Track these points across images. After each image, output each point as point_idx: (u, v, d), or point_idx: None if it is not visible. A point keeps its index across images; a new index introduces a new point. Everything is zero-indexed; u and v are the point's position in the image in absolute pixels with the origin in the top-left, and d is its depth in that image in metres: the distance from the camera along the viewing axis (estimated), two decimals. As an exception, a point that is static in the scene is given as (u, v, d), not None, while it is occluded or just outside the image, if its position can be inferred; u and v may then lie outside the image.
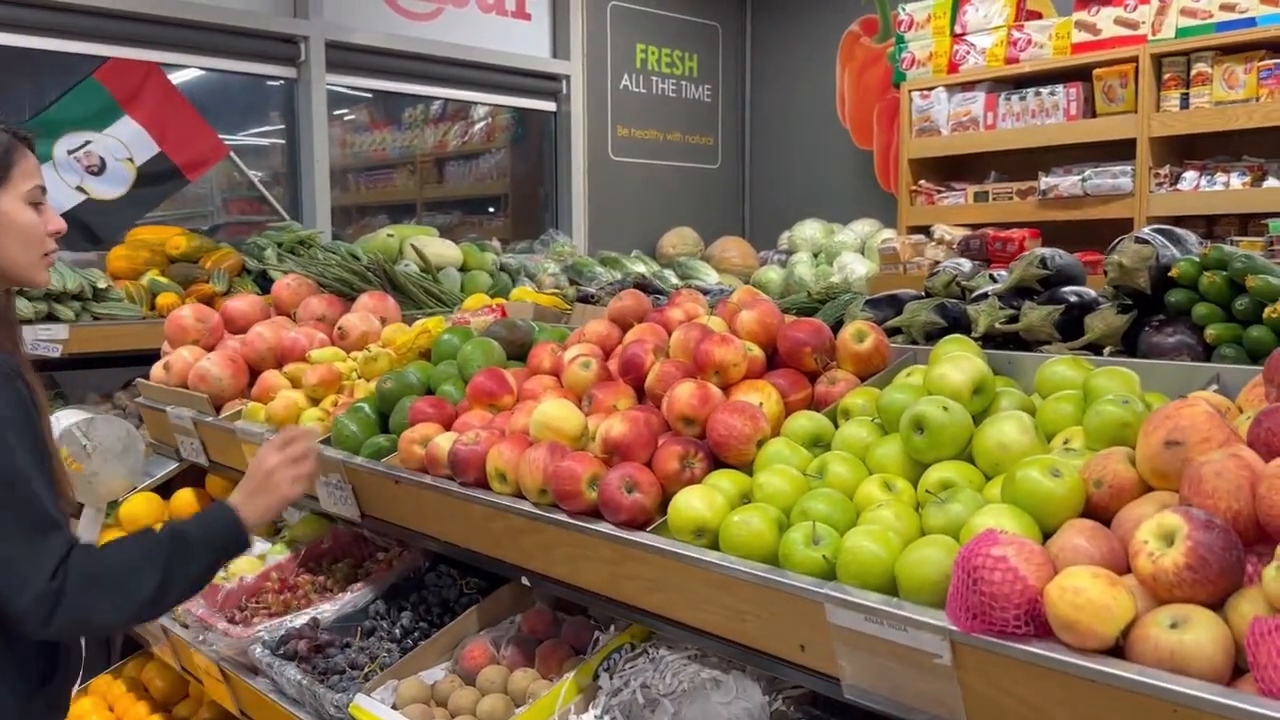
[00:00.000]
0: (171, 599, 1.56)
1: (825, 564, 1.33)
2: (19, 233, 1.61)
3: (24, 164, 1.62)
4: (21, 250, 1.62)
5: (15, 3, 3.84)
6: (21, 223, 1.60)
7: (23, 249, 1.62)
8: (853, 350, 1.78)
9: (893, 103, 5.25)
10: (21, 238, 1.61)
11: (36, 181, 1.63)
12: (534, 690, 1.81)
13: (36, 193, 1.63)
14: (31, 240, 1.62)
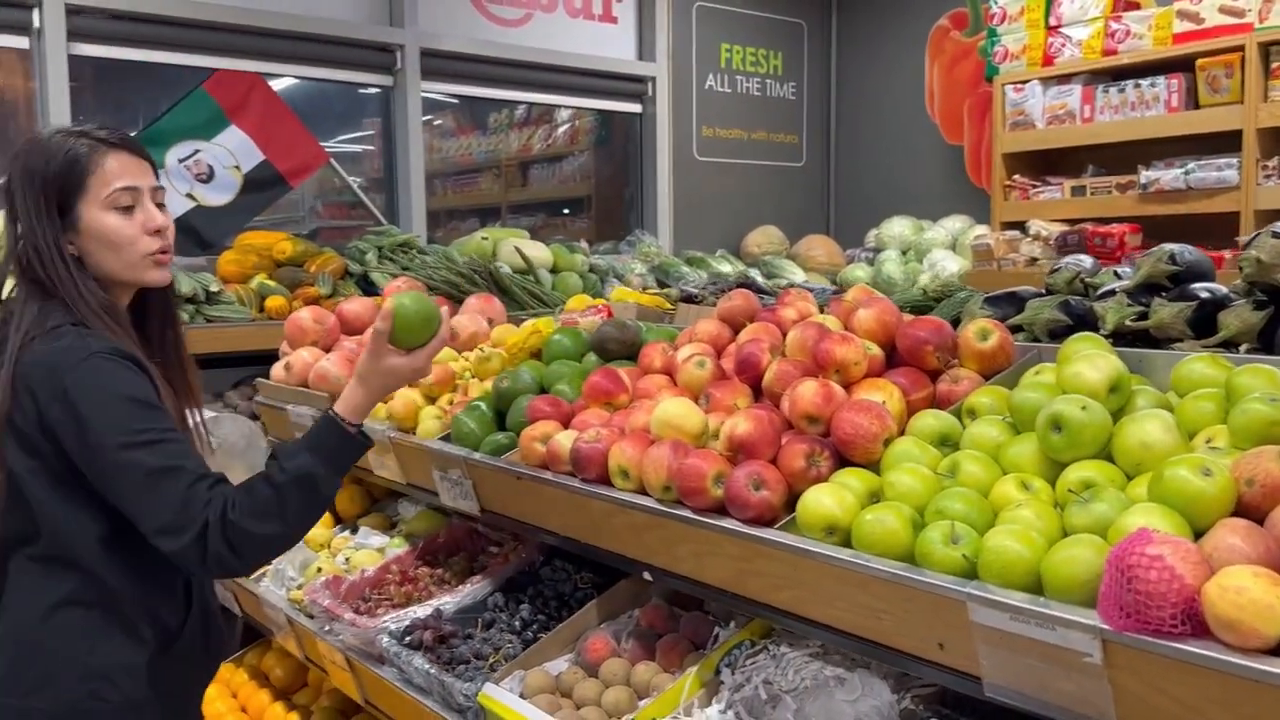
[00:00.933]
0: (306, 525, 1.64)
1: (965, 563, 1.34)
2: (105, 239, 1.64)
3: (102, 171, 1.64)
4: (113, 256, 1.65)
5: (131, 18, 4.01)
6: (105, 228, 1.63)
7: (114, 254, 1.65)
8: (976, 348, 1.77)
9: (984, 97, 5.19)
10: (108, 243, 1.64)
11: (118, 184, 1.64)
12: (657, 684, 1.84)
13: (120, 195, 1.64)
14: (121, 243, 1.65)
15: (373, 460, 2.53)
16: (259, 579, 2.65)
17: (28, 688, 1.62)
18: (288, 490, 1.56)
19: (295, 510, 1.57)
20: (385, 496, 2.97)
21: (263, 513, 1.53)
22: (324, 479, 1.60)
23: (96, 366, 1.54)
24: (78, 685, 1.61)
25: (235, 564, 1.55)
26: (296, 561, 2.61)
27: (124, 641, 1.64)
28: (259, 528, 1.52)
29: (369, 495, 2.97)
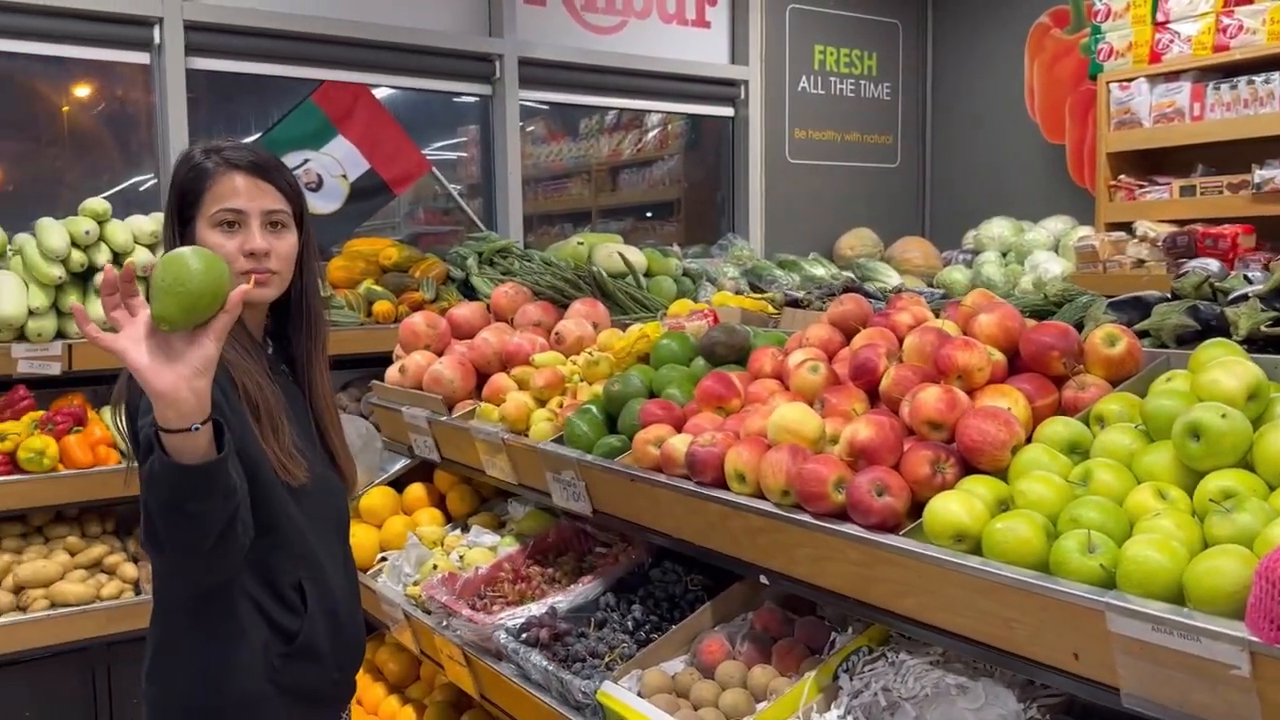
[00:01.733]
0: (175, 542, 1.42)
1: (1102, 572, 1.33)
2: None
3: (216, 188, 1.68)
4: None
5: (244, 33, 4.16)
6: (206, 244, 1.64)
7: None
8: (1103, 354, 1.75)
9: (1087, 95, 5.08)
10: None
11: (225, 204, 1.67)
12: (775, 687, 1.86)
13: (223, 215, 1.67)
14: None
15: (484, 460, 2.59)
16: (376, 575, 2.74)
17: (162, 679, 1.70)
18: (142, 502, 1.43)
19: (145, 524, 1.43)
20: (494, 496, 3.03)
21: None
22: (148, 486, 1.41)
23: None
24: (196, 680, 1.68)
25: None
26: (412, 558, 2.69)
27: (239, 641, 1.68)
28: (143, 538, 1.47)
29: (478, 495, 3.04)
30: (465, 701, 2.78)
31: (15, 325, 3.16)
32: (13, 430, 3.19)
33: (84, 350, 3.29)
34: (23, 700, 3.22)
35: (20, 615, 3.12)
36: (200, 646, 1.68)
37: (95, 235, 3.30)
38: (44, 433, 3.23)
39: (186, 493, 1.38)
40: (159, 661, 1.71)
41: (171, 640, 1.70)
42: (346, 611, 1.83)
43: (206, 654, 1.67)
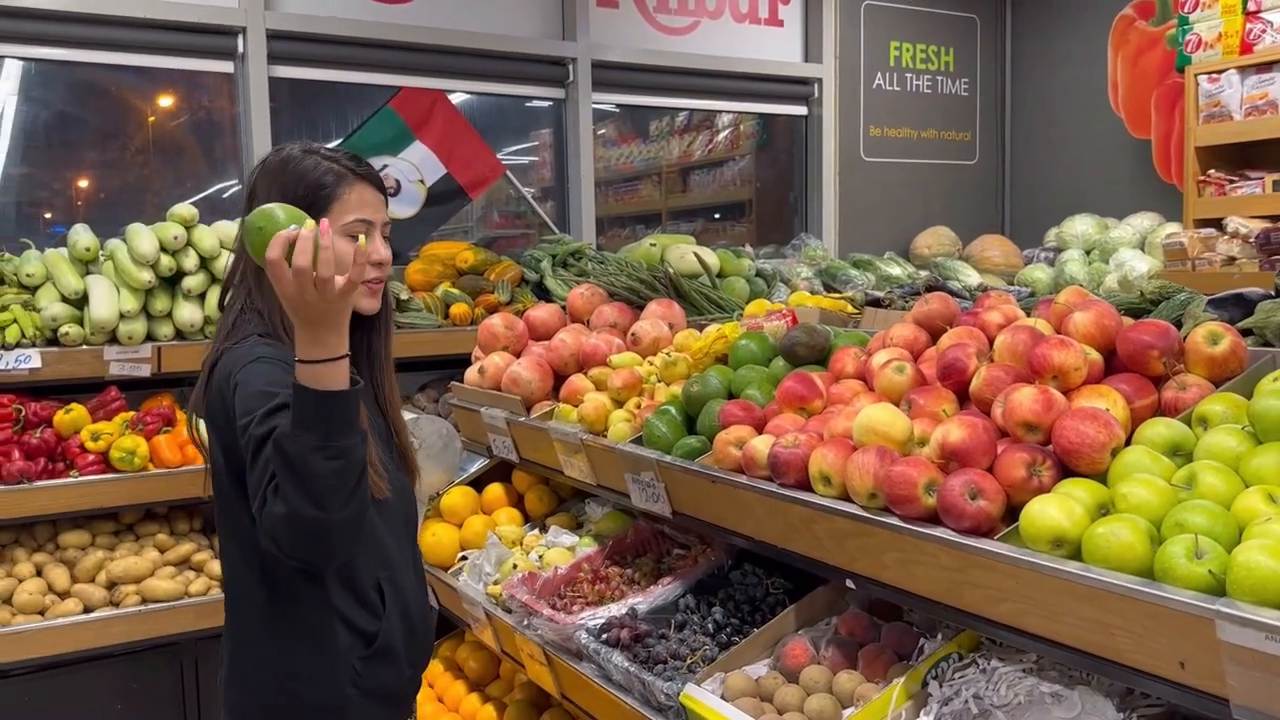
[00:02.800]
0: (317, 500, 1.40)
1: (1211, 579, 1.28)
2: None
3: (348, 198, 1.69)
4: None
5: (324, 41, 4.24)
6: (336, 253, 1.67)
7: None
8: (1206, 354, 1.69)
9: (1174, 88, 4.93)
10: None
11: (359, 215, 1.69)
12: (862, 693, 1.83)
13: (356, 225, 1.68)
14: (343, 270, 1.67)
15: (562, 461, 2.60)
16: (457, 573, 2.76)
17: (241, 684, 1.72)
18: (277, 465, 1.41)
19: (281, 477, 1.41)
20: (571, 496, 3.04)
21: (274, 495, 1.42)
22: (286, 437, 1.41)
23: (255, 370, 1.59)
24: (274, 686, 1.69)
25: (283, 549, 1.44)
26: (493, 558, 2.71)
27: (317, 645, 1.69)
28: (273, 509, 1.42)
29: (556, 495, 3.05)
30: (545, 701, 2.79)
31: (108, 328, 3.26)
32: (105, 430, 3.29)
33: (173, 352, 3.38)
34: (114, 693, 3.32)
35: (113, 610, 3.22)
36: (281, 652, 1.69)
37: (183, 240, 3.39)
38: (135, 433, 3.32)
39: (335, 424, 1.41)
40: (238, 667, 1.73)
41: (251, 646, 1.72)
42: (418, 610, 1.84)
43: (287, 659, 1.69)
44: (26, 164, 4.02)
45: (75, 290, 3.28)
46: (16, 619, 3.12)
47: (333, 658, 1.70)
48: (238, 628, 1.75)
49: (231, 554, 1.75)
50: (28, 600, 3.12)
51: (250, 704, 1.72)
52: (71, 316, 3.26)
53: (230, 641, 1.76)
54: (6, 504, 3.12)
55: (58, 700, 3.23)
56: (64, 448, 3.27)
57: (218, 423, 1.67)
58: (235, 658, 1.74)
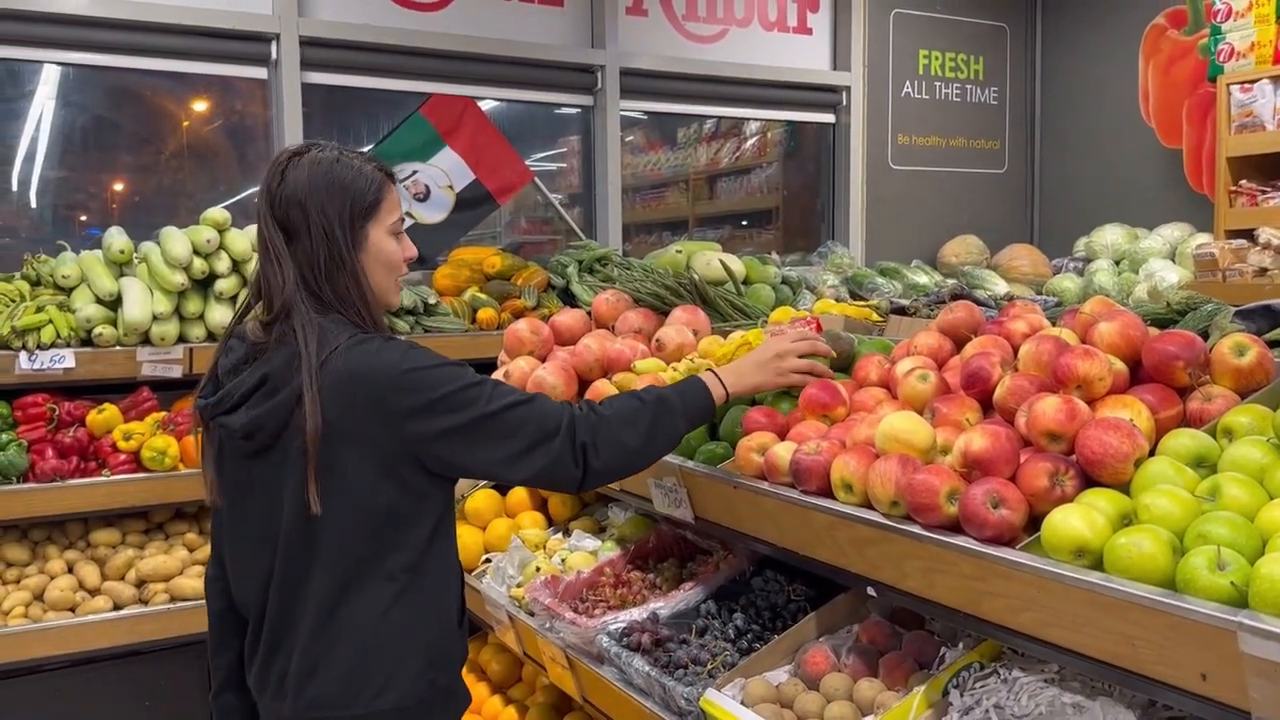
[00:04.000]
0: (655, 452, 1.87)
1: (1233, 591, 1.28)
2: (384, 261, 1.79)
3: (390, 199, 1.80)
4: (384, 276, 1.80)
5: (356, 48, 4.29)
6: (386, 252, 1.79)
7: (385, 275, 1.80)
8: (1232, 365, 1.68)
9: (1206, 98, 4.89)
10: (385, 265, 1.79)
11: (398, 214, 1.82)
12: (882, 701, 1.83)
13: (397, 224, 1.82)
14: (392, 267, 1.81)
15: (586, 467, 2.61)
16: (480, 575, 2.78)
17: (373, 693, 1.67)
18: (650, 407, 1.83)
19: (649, 425, 1.81)
20: (594, 500, 3.06)
21: (628, 419, 1.80)
22: (677, 409, 1.88)
23: (418, 354, 1.69)
24: (417, 678, 1.71)
25: (596, 462, 1.74)
26: (515, 560, 2.73)
27: (440, 628, 1.76)
28: (621, 430, 1.78)
29: (579, 499, 3.07)
30: (567, 704, 2.81)
31: (140, 329, 3.31)
32: (137, 430, 3.34)
33: (204, 354, 3.42)
34: (143, 690, 3.36)
35: (142, 608, 3.27)
36: (414, 649, 1.71)
37: (216, 244, 3.44)
38: (166, 433, 3.37)
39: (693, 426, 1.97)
40: (360, 679, 1.68)
41: (380, 652, 1.69)
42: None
43: (422, 655, 1.72)
44: (63, 167, 4.10)
45: (109, 292, 3.33)
46: (48, 615, 3.17)
47: (458, 641, 1.82)
48: (363, 639, 1.68)
49: (346, 568, 1.68)
50: (59, 597, 3.17)
51: (384, 709, 1.68)
52: (105, 318, 3.32)
53: (343, 657, 1.68)
54: (39, 501, 3.17)
55: (87, 696, 3.28)
56: (96, 447, 3.33)
57: (358, 424, 1.63)
58: (360, 671, 1.68)
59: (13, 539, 3.32)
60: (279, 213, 1.73)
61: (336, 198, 1.72)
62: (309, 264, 1.71)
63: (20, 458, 3.16)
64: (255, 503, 1.76)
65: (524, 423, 1.70)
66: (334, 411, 1.63)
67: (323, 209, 1.71)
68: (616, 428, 1.78)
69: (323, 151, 1.76)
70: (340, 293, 1.72)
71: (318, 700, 1.69)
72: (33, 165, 4.03)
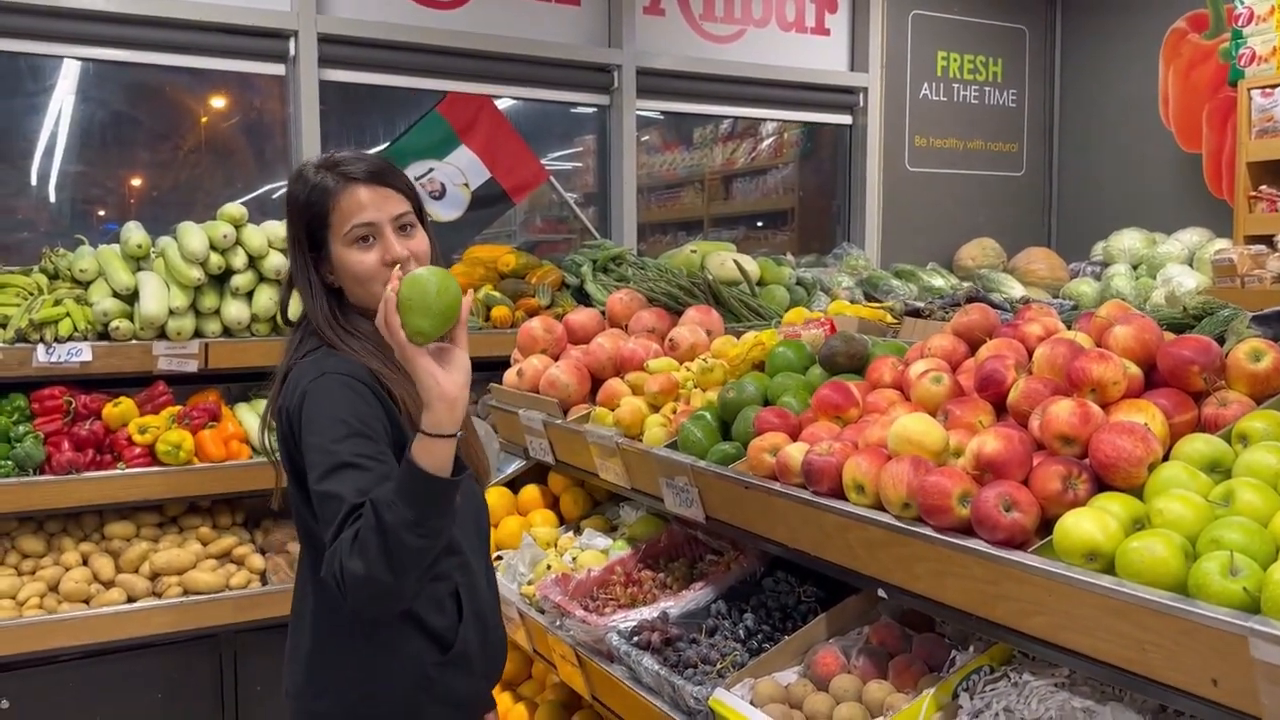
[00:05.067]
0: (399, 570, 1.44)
1: (1246, 596, 1.27)
2: (350, 273, 1.69)
3: (342, 208, 1.67)
4: (360, 288, 1.69)
5: (374, 45, 4.30)
6: (348, 263, 1.68)
7: (360, 287, 1.69)
8: (1247, 370, 1.67)
9: (1226, 102, 4.85)
10: (353, 277, 1.69)
11: (355, 220, 1.66)
12: (891, 703, 1.82)
13: (359, 230, 1.66)
14: (362, 277, 1.68)
15: (598, 464, 2.62)
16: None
17: (317, 691, 1.72)
18: (367, 525, 1.44)
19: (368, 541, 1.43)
20: (606, 499, 3.06)
21: (354, 548, 1.44)
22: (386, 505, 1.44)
23: (323, 386, 1.61)
24: (353, 691, 1.70)
25: (347, 598, 1.47)
26: (527, 558, 2.73)
27: (395, 650, 1.70)
28: (350, 563, 1.44)
29: (590, 498, 3.07)
30: (576, 702, 2.81)
31: (157, 324, 3.34)
32: (153, 424, 3.36)
33: (220, 349, 3.45)
34: (155, 682, 3.38)
35: (156, 601, 3.28)
36: (354, 658, 1.70)
37: (232, 239, 3.46)
38: (181, 427, 3.39)
39: (433, 508, 1.45)
40: (313, 677, 1.72)
41: (323, 652, 1.72)
42: (492, 616, 1.85)
43: (361, 666, 1.69)
44: (82, 162, 4.13)
45: (126, 286, 3.35)
46: (63, 606, 3.19)
47: (410, 666, 1.70)
48: (313, 636, 1.73)
49: (307, 562, 1.76)
50: (74, 589, 3.20)
51: (327, 713, 1.72)
52: (122, 312, 3.34)
53: (303, 650, 1.74)
54: (55, 494, 3.20)
55: (101, 687, 3.30)
56: (112, 440, 3.35)
57: (285, 437, 1.68)
58: (310, 666, 1.73)
59: (29, 530, 3.35)
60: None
61: (293, 216, 1.73)
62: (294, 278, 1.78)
63: (37, 449, 3.18)
64: None
65: (326, 519, 1.51)
66: (279, 416, 1.70)
67: (288, 227, 1.76)
68: (346, 561, 1.45)
69: (304, 165, 1.76)
70: (310, 305, 1.74)
71: (288, 686, 1.79)
72: (52, 160, 4.06)
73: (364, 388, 1.63)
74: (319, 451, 1.55)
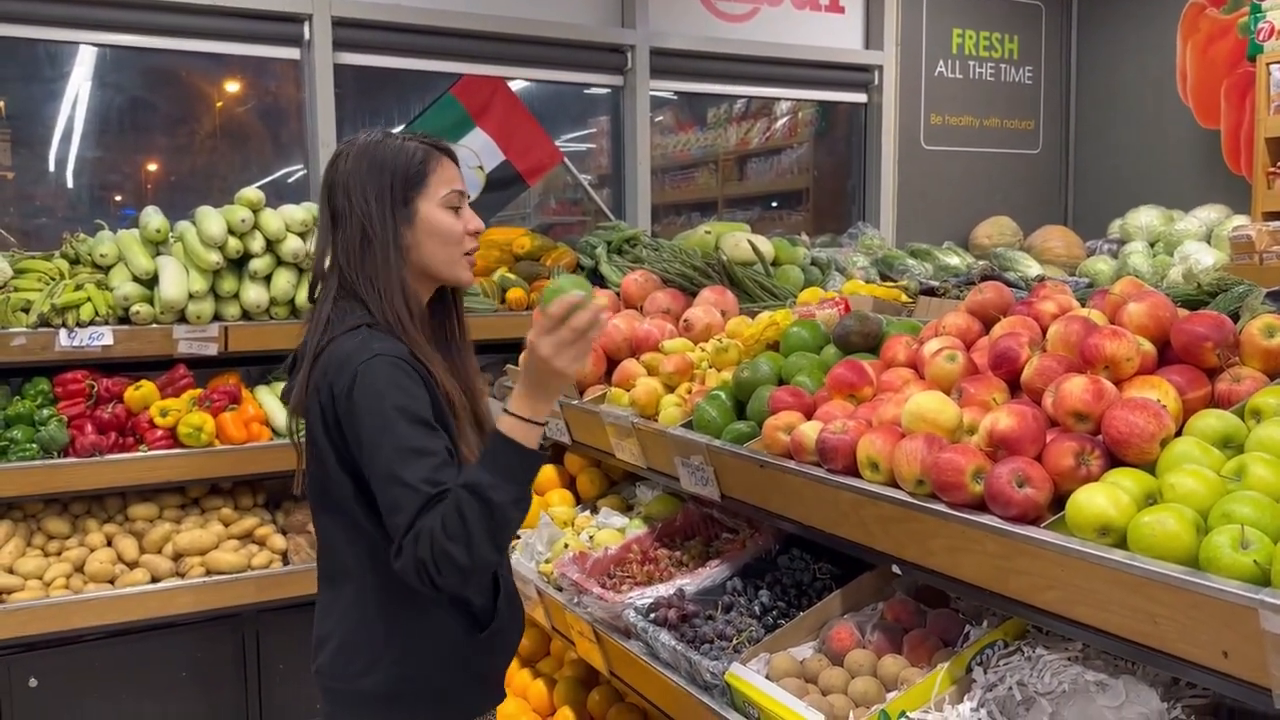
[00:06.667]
0: (492, 548, 1.54)
1: (1256, 569, 1.28)
2: (438, 233, 1.75)
3: (441, 172, 1.77)
4: (439, 248, 1.76)
5: (388, 28, 4.31)
6: (440, 224, 1.75)
7: (440, 247, 1.76)
8: (1261, 346, 1.67)
9: (1245, 78, 4.81)
10: (439, 238, 1.76)
11: (453, 186, 1.78)
12: (905, 677, 1.84)
13: (454, 197, 1.78)
14: (448, 239, 1.77)
15: (614, 444, 2.64)
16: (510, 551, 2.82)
17: (355, 672, 1.73)
18: (470, 515, 1.51)
19: (475, 536, 1.51)
20: (622, 479, 3.08)
21: (454, 534, 1.50)
22: (495, 494, 1.52)
23: (378, 369, 1.62)
24: (392, 669, 1.72)
25: (439, 580, 1.52)
26: (545, 537, 2.76)
27: (433, 628, 1.72)
28: (450, 547, 1.50)
29: (607, 478, 3.10)
30: (594, 678, 2.84)
31: (177, 308, 3.37)
32: (174, 407, 3.40)
33: (239, 332, 3.48)
34: (179, 661, 3.44)
35: (179, 581, 3.33)
36: (401, 640, 1.72)
37: (250, 223, 3.49)
38: (202, 410, 3.43)
39: (530, 483, 1.59)
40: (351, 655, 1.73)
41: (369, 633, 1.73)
42: (517, 594, 1.90)
43: (407, 646, 1.72)
44: (100, 148, 4.16)
45: (146, 270, 3.39)
46: (88, 587, 3.24)
47: (453, 645, 1.74)
48: (357, 618, 1.73)
49: (337, 542, 1.75)
50: (98, 569, 3.25)
51: (370, 691, 1.73)
52: (142, 296, 3.37)
53: (343, 631, 1.74)
54: (79, 476, 3.24)
55: (125, 666, 3.35)
56: (134, 423, 3.39)
57: (325, 414, 1.66)
58: (352, 648, 1.73)
59: (54, 512, 3.40)
60: (330, 198, 1.78)
61: (375, 177, 1.73)
62: (345, 248, 1.75)
63: (60, 433, 3.23)
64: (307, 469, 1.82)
65: (399, 507, 1.56)
66: (312, 395, 1.69)
67: (363, 190, 1.73)
68: (446, 545, 1.51)
69: (372, 135, 1.79)
70: (370, 275, 1.72)
71: (321, 667, 1.79)
72: (70, 146, 4.09)
73: (413, 370, 1.67)
74: (383, 436, 1.58)
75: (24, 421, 3.24)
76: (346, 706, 1.76)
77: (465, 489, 1.52)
